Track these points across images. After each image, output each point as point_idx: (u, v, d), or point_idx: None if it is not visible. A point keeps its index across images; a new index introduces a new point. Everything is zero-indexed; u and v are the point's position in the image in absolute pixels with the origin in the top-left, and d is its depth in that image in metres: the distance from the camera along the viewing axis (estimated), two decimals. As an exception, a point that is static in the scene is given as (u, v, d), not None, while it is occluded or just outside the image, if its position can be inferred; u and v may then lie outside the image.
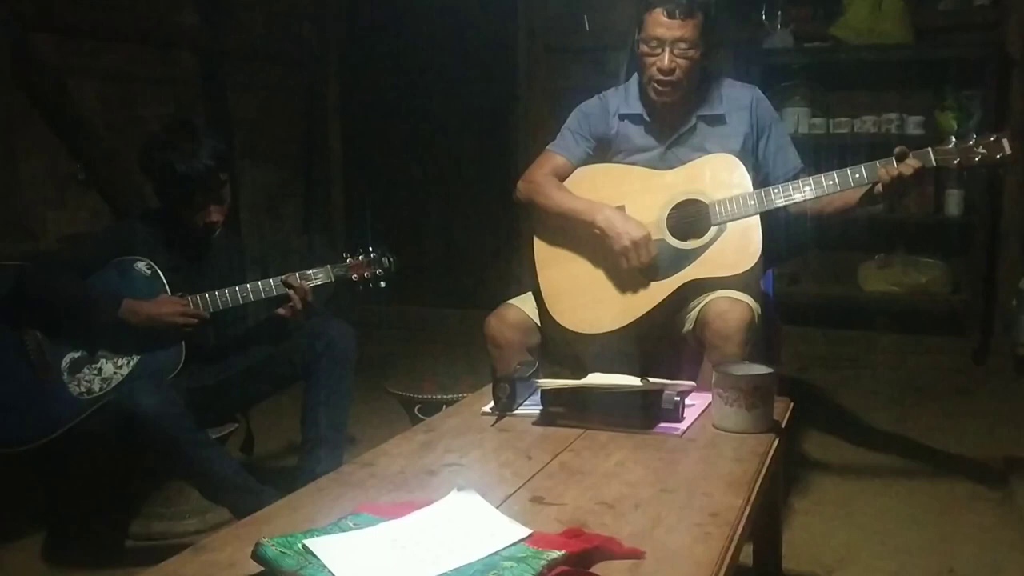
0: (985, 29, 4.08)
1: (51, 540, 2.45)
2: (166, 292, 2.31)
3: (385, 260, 2.48)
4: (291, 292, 2.35)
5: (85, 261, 2.32)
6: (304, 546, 1.16)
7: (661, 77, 2.30)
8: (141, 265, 2.33)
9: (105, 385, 2.25)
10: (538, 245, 2.43)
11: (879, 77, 4.22)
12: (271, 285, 2.36)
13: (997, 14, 4.04)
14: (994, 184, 4.05)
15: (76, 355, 2.27)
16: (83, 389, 2.25)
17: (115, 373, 2.27)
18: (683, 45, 2.26)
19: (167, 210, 2.38)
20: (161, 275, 2.32)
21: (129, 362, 2.28)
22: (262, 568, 1.15)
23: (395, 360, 4.17)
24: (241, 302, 2.35)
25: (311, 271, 2.40)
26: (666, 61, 2.27)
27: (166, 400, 2.13)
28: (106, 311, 2.24)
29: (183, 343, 2.30)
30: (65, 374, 2.25)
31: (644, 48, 2.31)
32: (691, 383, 1.95)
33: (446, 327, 4.84)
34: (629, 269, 2.27)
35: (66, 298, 2.26)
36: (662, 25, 2.26)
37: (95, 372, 2.26)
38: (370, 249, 2.49)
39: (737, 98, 2.41)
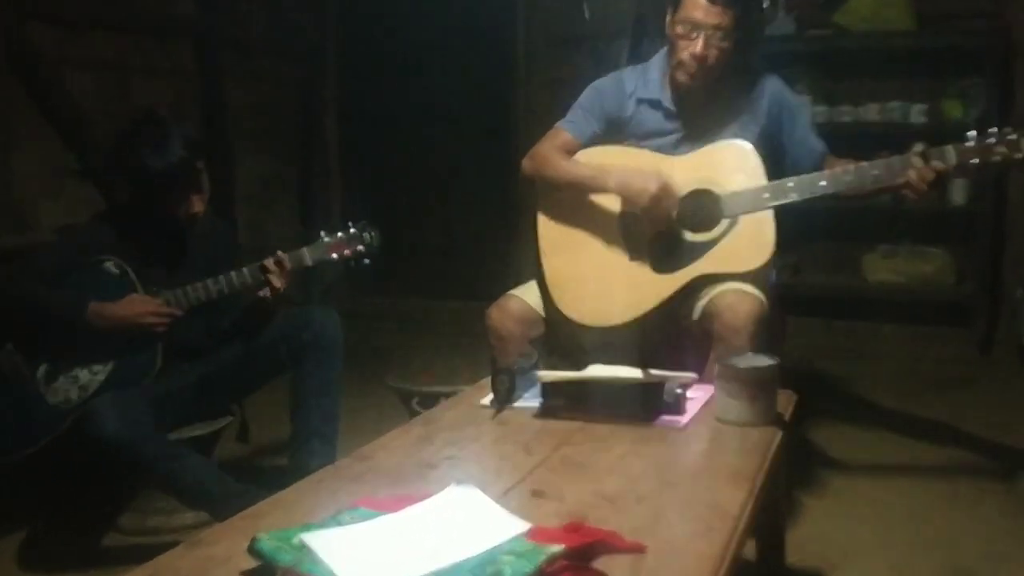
0: (989, 17, 4.06)
1: (39, 538, 2.44)
2: (136, 291, 2.24)
3: (367, 235, 2.39)
4: (268, 275, 2.29)
5: (50, 267, 2.25)
6: (301, 540, 1.15)
7: (693, 63, 2.24)
8: (109, 265, 2.26)
9: (83, 392, 2.20)
10: (543, 230, 2.39)
11: (883, 65, 4.21)
12: (245, 274, 2.30)
13: (1001, 1, 4.03)
14: (1000, 174, 4.02)
15: (51, 364, 2.22)
16: (61, 398, 2.20)
17: (92, 379, 2.22)
18: (719, 34, 2.21)
19: (140, 206, 2.31)
20: (131, 273, 2.25)
21: (105, 367, 2.23)
22: (258, 563, 1.14)
23: (393, 353, 4.16)
24: (215, 295, 2.29)
25: (283, 254, 2.32)
26: (699, 47, 2.21)
27: (130, 418, 2.08)
28: (71, 317, 2.18)
29: (159, 343, 2.24)
30: (42, 384, 2.21)
31: (678, 30, 2.25)
32: (693, 375, 1.93)
33: (444, 319, 4.84)
34: (653, 227, 2.24)
35: (29, 308, 2.21)
36: (701, 9, 2.20)
37: (71, 380, 2.21)
38: (349, 225, 2.40)
39: (756, 86, 2.37)
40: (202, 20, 4.32)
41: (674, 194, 2.23)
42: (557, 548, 1.12)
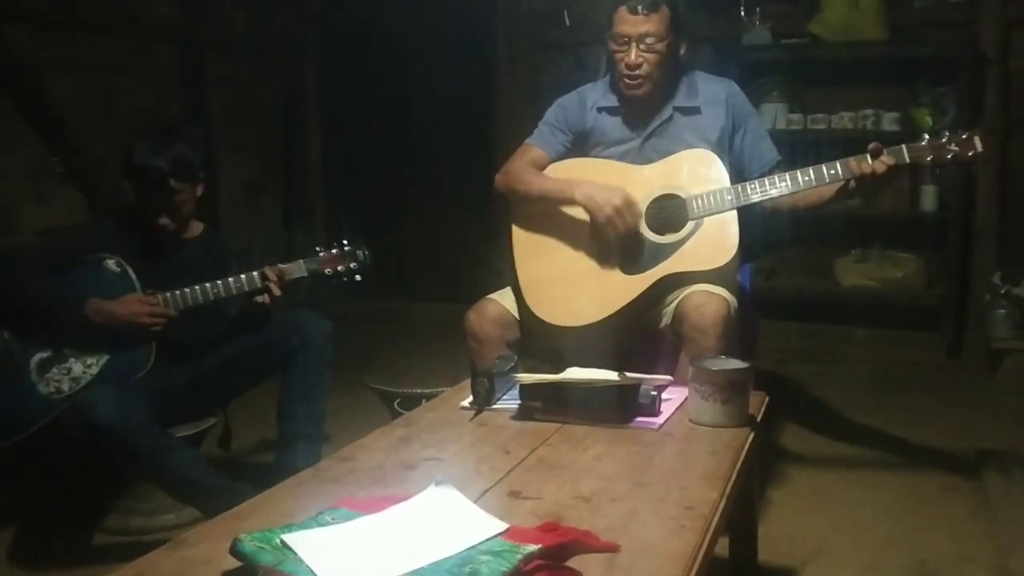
0: (960, 27, 4.12)
1: (23, 537, 2.43)
2: (135, 290, 2.28)
3: (360, 253, 2.46)
4: (268, 283, 2.33)
5: (53, 260, 2.29)
6: (282, 541, 1.17)
7: (629, 72, 2.34)
8: (111, 263, 2.29)
9: (74, 384, 2.22)
10: (517, 237, 2.44)
11: (856, 74, 4.25)
12: (242, 280, 2.33)
13: (971, 12, 4.09)
14: (969, 180, 4.09)
15: (45, 355, 2.24)
16: (52, 389, 2.21)
17: (84, 372, 2.24)
18: (649, 40, 2.31)
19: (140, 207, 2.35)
20: (131, 273, 2.29)
21: (98, 361, 2.25)
22: (240, 563, 1.15)
23: (374, 354, 4.14)
24: (212, 299, 2.32)
25: (283, 266, 2.38)
26: (632, 56, 2.32)
27: (126, 408, 2.09)
28: (71, 310, 2.20)
29: (152, 342, 2.27)
30: (34, 374, 2.22)
31: (613, 45, 2.36)
32: (668, 377, 1.97)
33: (425, 321, 4.83)
34: (617, 238, 2.29)
35: (30, 297, 2.23)
36: (627, 22, 2.31)
37: (64, 372, 2.23)
38: (344, 243, 2.46)
39: (713, 91, 2.45)
40: (184, 22, 4.31)
41: (637, 208, 2.29)
42: (533, 547, 1.14)
